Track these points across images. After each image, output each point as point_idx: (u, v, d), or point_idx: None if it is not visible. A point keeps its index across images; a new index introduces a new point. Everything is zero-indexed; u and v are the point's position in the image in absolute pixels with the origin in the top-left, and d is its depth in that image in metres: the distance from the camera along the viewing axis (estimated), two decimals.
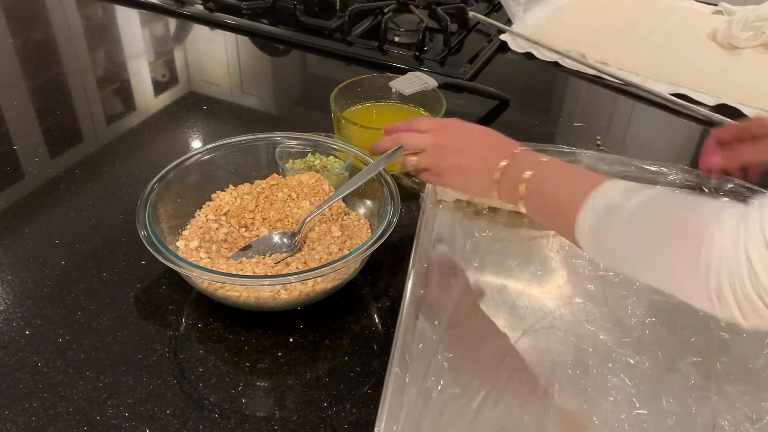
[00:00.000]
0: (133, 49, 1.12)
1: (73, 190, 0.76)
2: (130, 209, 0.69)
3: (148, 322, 0.60)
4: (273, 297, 0.58)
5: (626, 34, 1.17)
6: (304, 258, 0.61)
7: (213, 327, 0.60)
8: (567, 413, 0.52)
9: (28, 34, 1.14)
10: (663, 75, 1.03)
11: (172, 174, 0.65)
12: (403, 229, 0.71)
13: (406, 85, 0.81)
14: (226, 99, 0.97)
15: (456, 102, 0.91)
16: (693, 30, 1.20)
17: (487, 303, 0.62)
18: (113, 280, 0.64)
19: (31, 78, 1.01)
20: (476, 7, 1.25)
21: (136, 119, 0.90)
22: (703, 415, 0.53)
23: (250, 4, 1.18)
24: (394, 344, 0.54)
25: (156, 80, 1.02)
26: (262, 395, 0.55)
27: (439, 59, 1.05)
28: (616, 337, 0.59)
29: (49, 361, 0.56)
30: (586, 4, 1.30)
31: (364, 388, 0.55)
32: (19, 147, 0.83)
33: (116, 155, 0.83)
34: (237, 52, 1.12)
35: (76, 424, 0.51)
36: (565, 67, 1.07)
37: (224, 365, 0.56)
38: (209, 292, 0.59)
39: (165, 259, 0.55)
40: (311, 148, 0.74)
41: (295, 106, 0.99)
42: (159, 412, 0.52)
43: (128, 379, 0.55)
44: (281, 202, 0.68)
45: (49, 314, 0.60)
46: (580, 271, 0.66)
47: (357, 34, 1.10)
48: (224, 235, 0.65)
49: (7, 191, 0.75)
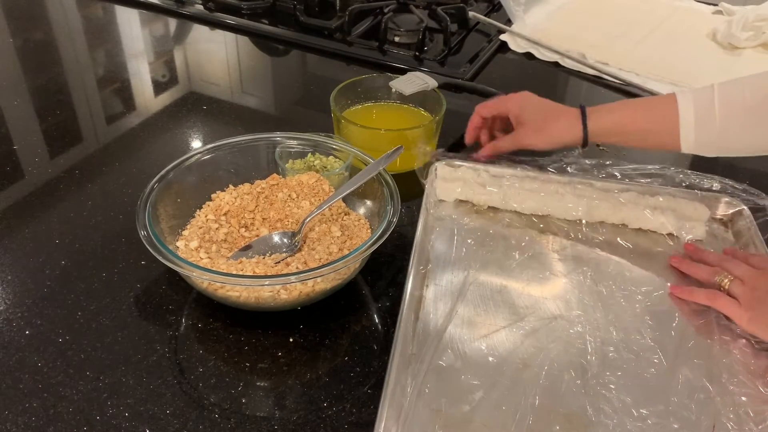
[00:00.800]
0: (133, 49, 1.12)
1: (73, 190, 0.76)
2: (130, 209, 0.69)
3: (148, 322, 0.60)
4: (273, 297, 0.58)
5: (626, 34, 1.17)
6: (304, 258, 0.61)
7: (213, 327, 0.60)
8: (568, 415, 0.52)
9: (28, 34, 1.14)
10: (663, 75, 1.03)
11: (172, 174, 0.65)
12: (403, 229, 0.71)
13: (406, 85, 0.81)
14: (226, 99, 0.97)
15: (456, 102, 0.91)
16: (693, 30, 1.20)
17: (487, 303, 0.62)
18: (113, 280, 0.64)
19: (31, 78, 1.01)
20: (476, 7, 1.25)
21: (136, 119, 0.90)
22: (706, 416, 0.52)
23: (250, 4, 1.18)
24: (394, 344, 0.54)
25: (156, 80, 1.02)
26: (262, 395, 0.55)
27: (439, 59, 1.05)
28: (616, 338, 0.59)
29: (49, 361, 0.56)
30: (586, 4, 1.30)
31: (364, 388, 0.55)
32: (19, 147, 0.83)
33: (116, 155, 0.83)
34: (237, 52, 1.12)
35: (76, 424, 0.51)
36: (565, 67, 1.07)
37: (224, 365, 0.56)
38: (209, 292, 0.59)
39: (165, 259, 0.55)
40: (311, 148, 0.74)
41: (295, 106, 0.99)
42: (159, 412, 0.52)
43: (128, 379, 0.55)
44: (281, 202, 0.68)
45: (49, 314, 0.60)
46: (581, 271, 0.66)
47: (357, 34, 1.10)
48: (224, 235, 0.65)
49: (7, 191, 0.76)
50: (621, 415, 0.52)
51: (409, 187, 0.74)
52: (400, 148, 0.68)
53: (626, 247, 0.69)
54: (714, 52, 1.13)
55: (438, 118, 0.80)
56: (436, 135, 0.81)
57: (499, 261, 0.67)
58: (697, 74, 1.04)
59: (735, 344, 0.58)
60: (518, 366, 0.56)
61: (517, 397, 0.53)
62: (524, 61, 1.10)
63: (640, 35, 1.17)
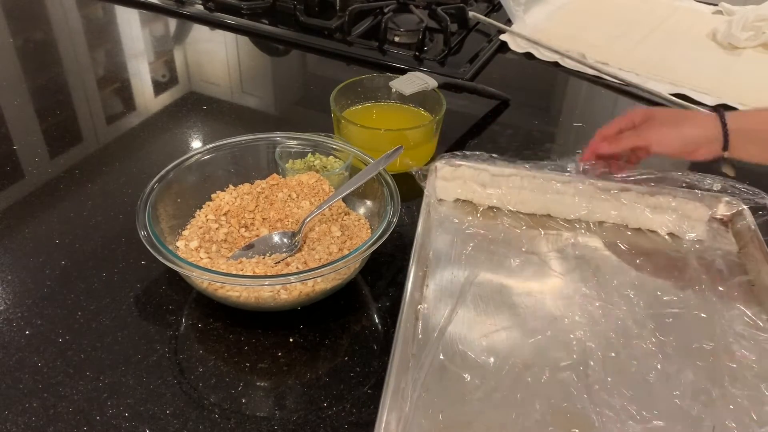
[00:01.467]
0: (133, 49, 1.12)
1: (73, 190, 0.76)
2: (130, 209, 0.69)
3: (148, 322, 0.60)
4: (273, 297, 0.58)
5: (626, 34, 1.17)
6: (304, 258, 0.61)
7: (213, 327, 0.60)
8: (569, 416, 0.52)
9: (28, 34, 1.14)
10: (663, 75, 1.03)
11: (172, 174, 0.65)
12: (403, 229, 0.71)
13: (406, 85, 0.81)
14: (226, 99, 0.97)
15: (456, 102, 0.91)
16: (693, 30, 1.20)
17: (487, 303, 0.62)
18: (113, 280, 0.64)
19: (31, 78, 1.01)
20: (476, 7, 1.25)
21: (136, 119, 0.90)
22: (709, 419, 0.52)
23: (250, 4, 1.18)
24: (394, 345, 0.54)
25: (156, 80, 1.02)
26: (262, 395, 0.55)
27: (439, 59, 1.05)
28: (617, 339, 0.59)
29: (49, 361, 0.56)
30: (586, 4, 1.30)
31: (364, 388, 0.55)
32: (19, 147, 0.83)
33: (116, 155, 0.83)
34: (237, 52, 1.12)
35: (76, 424, 0.51)
36: (565, 67, 1.07)
37: (224, 365, 0.56)
38: (209, 292, 0.59)
39: (165, 259, 0.55)
40: (311, 148, 0.74)
41: (295, 106, 0.99)
42: (159, 412, 0.52)
43: (128, 379, 0.55)
44: (281, 202, 0.68)
45: (49, 314, 0.60)
46: (582, 271, 0.66)
47: (357, 34, 1.10)
48: (224, 235, 0.65)
49: (7, 191, 0.75)
50: (623, 417, 0.52)
51: (409, 187, 0.73)
52: (400, 148, 0.68)
53: (626, 247, 0.69)
54: (714, 52, 1.13)
55: (438, 118, 0.80)
56: (436, 135, 0.81)
57: (499, 261, 0.67)
58: (697, 74, 1.04)
59: (737, 346, 0.58)
60: (519, 367, 0.56)
61: (518, 399, 0.53)
62: (524, 61, 1.10)
63: (640, 35, 1.17)
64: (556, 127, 0.94)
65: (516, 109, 0.96)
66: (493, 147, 0.86)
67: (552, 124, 0.94)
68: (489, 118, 0.94)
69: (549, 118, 0.97)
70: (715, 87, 1.00)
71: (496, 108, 0.96)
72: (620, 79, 1.02)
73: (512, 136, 0.90)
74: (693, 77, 1.02)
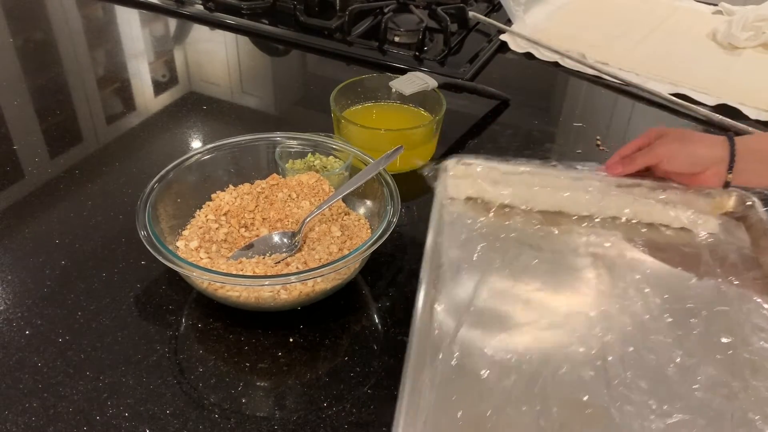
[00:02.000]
0: (133, 49, 1.12)
1: (73, 190, 0.76)
2: (130, 209, 0.69)
3: (148, 322, 0.60)
4: (273, 297, 0.58)
5: (626, 34, 1.17)
6: (304, 258, 0.61)
7: (213, 327, 0.60)
8: (589, 412, 0.51)
9: (28, 34, 1.14)
10: (663, 75, 1.03)
11: (172, 174, 0.65)
12: (403, 229, 0.71)
13: (406, 85, 0.81)
14: (226, 99, 0.97)
15: (456, 102, 0.91)
16: (693, 30, 1.20)
17: (501, 302, 0.61)
18: (113, 280, 0.64)
19: (31, 78, 1.01)
20: (476, 7, 1.25)
21: (136, 119, 0.90)
22: (730, 411, 0.52)
23: (250, 4, 1.18)
24: (409, 347, 0.54)
25: (156, 80, 1.02)
26: (262, 395, 0.55)
27: (439, 59, 1.05)
28: (635, 334, 0.58)
29: (49, 361, 0.56)
30: (586, 4, 1.30)
31: (364, 388, 0.55)
32: (19, 147, 0.83)
33: (116, 155, 0.83)
34: (237, 52, 1.12)
35: (76, 424, 0.51)
36: (565, 67, 1.07)
37: (224, 365, 0.56)
38: (209, 292, 0.59)
39: (165, 259, 0.55)
40: (311, 148, 0.74)
41: (295, 106, 0.99)
42: (159, 412, 0.52)
43: (128, 379, 0.55)
44: (281, 202, 0.68)
45: (49, 314, 0.60)
46: (596, 267, 0.65)
47: (357, 34, 1.10)
48: (224, 235, 0.65)
49: (7, 191, 0.76)
50: (643, 411, 0.51)
51: (409, 187, 0.74)
52: (400, 148, 0.68)
53: (640, 243, 0.69)
54: (714, 52, 1.13)
55: (438, 118, 0.80)
56: (436, 135, 0.81)
57: (512, 259, 0.66)
58: (697, 74, 1.04)
59: (756, 338, 0.58)
60: (537, 364, 0.55)
61: (536, 395, 0.52)
62: (524, 61, 1.10)
63: (640, 35, 1.17)
64: (556, 127, 0.94)
65: (516, 109, 0.96)
66: (493, 147, 0.86)
67: (552, 124, 0.94)
68: (489, 118, 0.94)
69: (549, 118, 0.97)
70: (715, 87, 1.00)
71: (496, 108, 0.96)
72: (620, 79, 1.02)
73: (512, 136, 0.90)
74: (693, 77, 1.02)
